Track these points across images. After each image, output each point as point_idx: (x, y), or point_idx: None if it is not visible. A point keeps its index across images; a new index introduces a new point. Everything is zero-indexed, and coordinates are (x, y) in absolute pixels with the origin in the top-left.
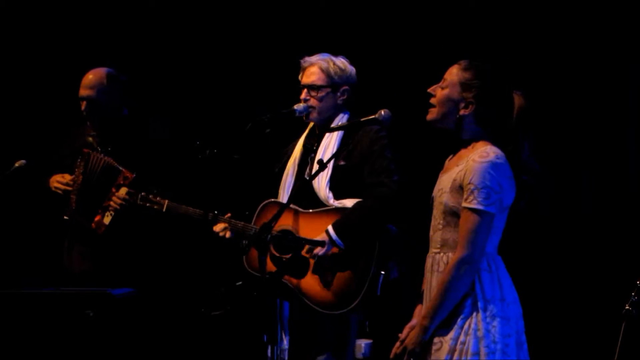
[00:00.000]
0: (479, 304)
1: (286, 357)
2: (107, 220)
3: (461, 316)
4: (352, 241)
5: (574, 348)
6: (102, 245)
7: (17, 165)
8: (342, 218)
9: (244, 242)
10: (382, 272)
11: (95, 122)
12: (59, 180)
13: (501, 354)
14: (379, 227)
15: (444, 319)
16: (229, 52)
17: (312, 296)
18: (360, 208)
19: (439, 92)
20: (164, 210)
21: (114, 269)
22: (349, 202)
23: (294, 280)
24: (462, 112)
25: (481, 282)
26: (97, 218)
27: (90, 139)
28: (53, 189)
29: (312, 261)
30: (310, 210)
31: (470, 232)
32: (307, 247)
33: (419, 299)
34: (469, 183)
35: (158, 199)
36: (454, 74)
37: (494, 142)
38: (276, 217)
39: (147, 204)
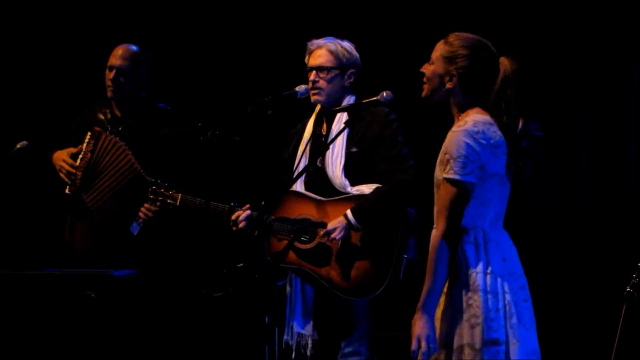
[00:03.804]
0: (462, 278)
1: (310, 342)
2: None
3: (446, 291)
4: (370, 225)
5: (576, 330)
6: (102, 225)
7: (18, 146)
8: (361, 202)
9: (255, 232)
10: (405, 256)
11: (117, 95)
12: (65, 160)
13: (485, 328)
14: (397, 211)
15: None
16: (231, 34)
17: (336, 284)
18: (378, 193)
19: (427, 69)
20: (177, 204)
21: (116, 248)
22: (365, 188)
23: (318, 269)
24: (447, 85)
25: (465, 255)
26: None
27: (102, 116)
28: (57, 167)
29: (334, 249)
30: (330, 199)
31: (448, 204)
32: (322, 231)
33: None
34: (445, 153)
35: (171, 192)
36: (438, 49)
37: (486, 110)
38: (273, 201)
39: (160, 198)
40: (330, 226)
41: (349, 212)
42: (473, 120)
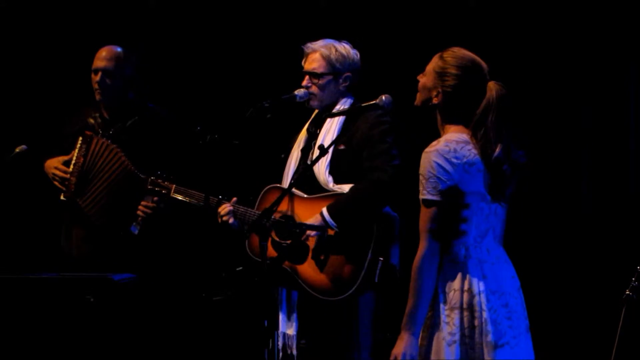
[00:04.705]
0: (440, 295)
1: (294, 344)
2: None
3: (425, 313)
4: (345, 223)
5: (575, 332)
6: (101, 228)
7: (17, 150)
8: (337, 200)
9: (245, 227)
10: (381, 259)
11: (105, 97)
12: (57, 167)
13: (461, 345)
14: (373, 211)
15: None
16: (230, 37)
17: (310, 282)
18: (355, 191)
19: (421, 79)
20: (171, 194)
21: (114, 253)
22: (348, 187)
23: (293, 267)
24: (434, 100)
25: (444, 273)
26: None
27: (92, 120)
28: (50, 175)
29: (311, 247)
30: (310, 196)
31: (425, 224)
32: (300, 230)
33: None
34: (419, 174)
35: (166, 183)
36: (433, 61)
37: (467, 128)
38: (277, 203)
39: (156, 188)
40: (306, 227)
41: (324, 210)
42: (445, 139)
